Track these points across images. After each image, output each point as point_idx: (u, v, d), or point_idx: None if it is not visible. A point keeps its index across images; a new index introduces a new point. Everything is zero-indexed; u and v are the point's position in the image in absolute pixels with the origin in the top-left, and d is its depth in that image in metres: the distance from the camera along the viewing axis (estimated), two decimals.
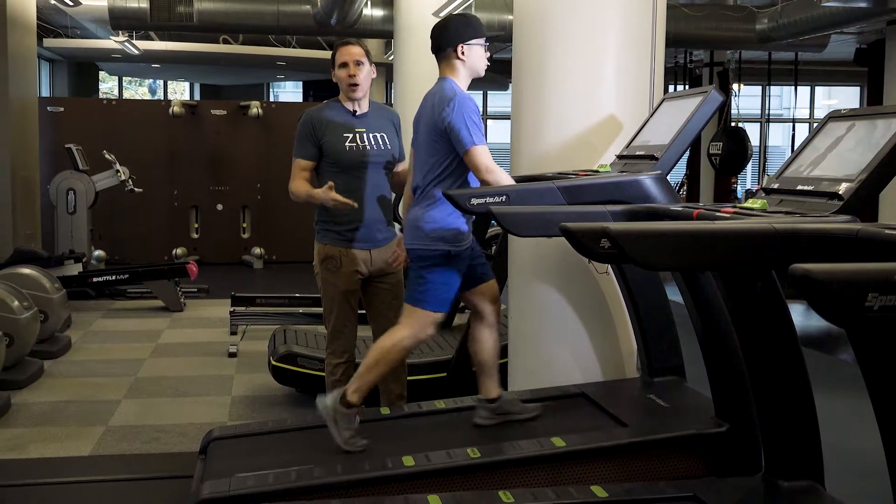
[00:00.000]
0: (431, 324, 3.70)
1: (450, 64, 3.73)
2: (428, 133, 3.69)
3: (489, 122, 17.59)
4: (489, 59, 3.81)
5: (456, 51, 3.69)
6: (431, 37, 3.76)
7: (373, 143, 4.12)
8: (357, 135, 4.11)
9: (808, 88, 18.53)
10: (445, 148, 3.63)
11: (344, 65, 4.08)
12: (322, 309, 4.34)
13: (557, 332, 4.21)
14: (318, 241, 4.18)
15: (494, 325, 3.82)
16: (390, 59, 9.91)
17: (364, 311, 4.35)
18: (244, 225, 11.91)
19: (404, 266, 3.95)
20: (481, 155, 3.56)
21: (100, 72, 18.09)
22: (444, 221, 3.62)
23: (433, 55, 3.78)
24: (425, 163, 3.71)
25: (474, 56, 3.72)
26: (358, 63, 4.08)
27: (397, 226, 4.43)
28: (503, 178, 3.57)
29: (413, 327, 3.68)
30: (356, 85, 4.08)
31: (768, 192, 2.97)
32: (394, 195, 4.37)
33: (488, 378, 3.79)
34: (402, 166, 4.24)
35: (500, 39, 3.75)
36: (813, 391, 2.88)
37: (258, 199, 11.85)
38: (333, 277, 4.13)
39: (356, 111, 4.14)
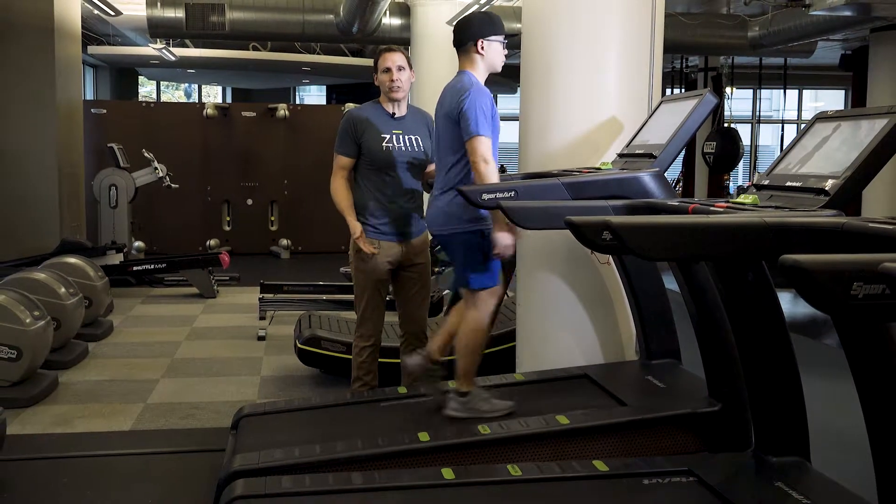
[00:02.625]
0: (493, 296, 3.69)
1: (470, 58, 3.70)
2: (445, 123, 3.67)
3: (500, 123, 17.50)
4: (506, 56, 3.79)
5: (476, 46, 3.67)
6: (454, 31, 3.74)
7: (407, 144, 4.11)
8: (394, 136, 4.10)
9: (797, 92, 18.43)
10: (461, 136, 3.60)
11: (387, 70, 4.07)
12: (350, 295, 4.35)
13: (562, 318, 4.20)
14: None
15: (500, 297, 3.87)
16: None
17: (392, 298, 4.36)
18: (272, 218, 11.93)
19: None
20: (482, 145, 3.53)
21: (139, 76, 18.14)
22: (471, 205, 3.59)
23: (457, 57, 3.76)
24: (445, 151, 3.70)
25: (493, 52, 3.69)
26: (400, 68, 4.07)
27: None
28: (492, 172, 3.54)
29: (481, 307, 3.66)
30: (398, 88, 4.08)
31: (759, 188, 2.95)
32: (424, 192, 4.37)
33: (441, 339, 3.82)
34: (433, 166, 4.24)
35: (508, 45, 3.73)
36: (800, 373, 2.87)
37: (285, 195, 11.85)
38: (366, 266, 4.13)
39: (395, 113, 4.14)
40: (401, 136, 4.11)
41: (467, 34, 3.68)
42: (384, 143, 4.08)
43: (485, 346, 3.73)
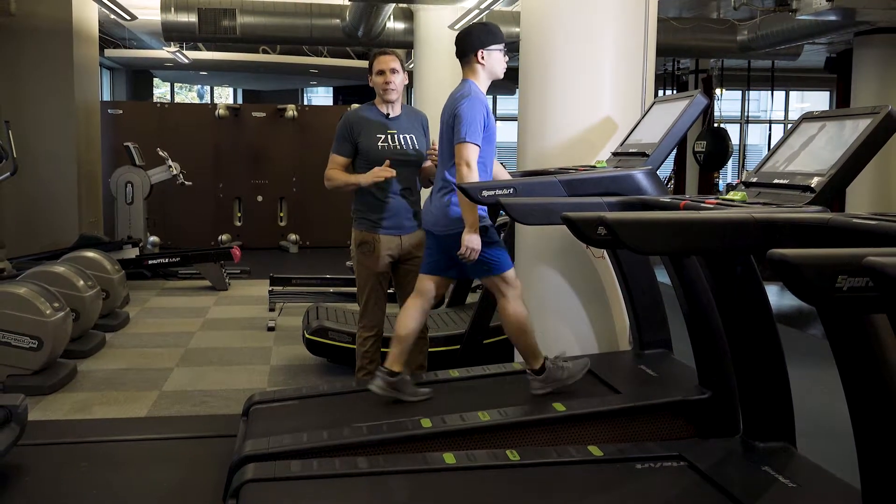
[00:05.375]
0: (514, 278, 3.67)
1: (471, 67, 3.71)
2: (447, 129, 3.68)
3: (498, 123, 17.48)
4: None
5: (477, 56, 3.67)
6: (455, 43, 3.74)
7: (402, 142, 4.11)
8: (389, 135, 4.10)
9: (784, 93, 18.37)
10: None
11: (381, 72, 4.07)
12: (356, 288, 4.35)
13: (559, 310, 4.20)
14: (355, 227, 4.19)
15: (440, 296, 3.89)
16: (410, 67, 9.86)
17: (393, 291, 4.35)
18: (281, 214, 11.93)
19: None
20: (468, 150, 3.54)
21: (154, 78, 18.11)
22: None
23: (456, 60, 3.76)
24: (446, 155, 3.70)
25: (493, 61, 3.70)
26: (393, 71, 4.07)
27: None
28: (473, 177, 3.54)
29: (507, 292, 3.65)
30: (392, 90, 4.08)
31: (747, 185, 2.94)
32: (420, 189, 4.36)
33: (395, 349, 3.75)
34: (428, 164, 4.23)
35: (508, 49, 3.74)
36: (786, 362, 2.87)
37: (293, 192, 11.86)
38: (367, 260, 4.13)
39: (389, 114, 4.13)
40: (395, 136, 4.11)
41: (468, 45, 3.69)
42: (380, 143, 4.08)
43: (532, 326, 3.70)
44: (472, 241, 3.53)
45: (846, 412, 2.19)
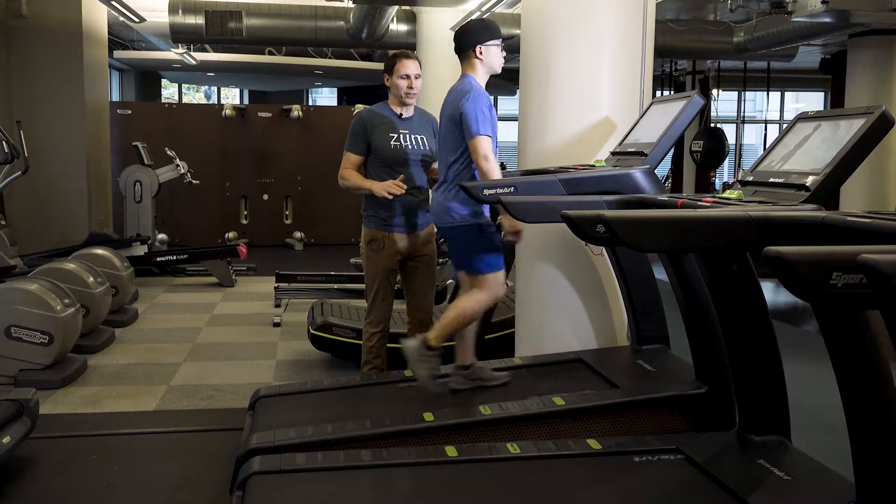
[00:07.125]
0: (501, 283, 3.69)
1: (470, 63, 3.71)
2: (448, 124, 3.68)
3: (498, 123, 17.43)
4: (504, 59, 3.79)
5: (475, 51, 3.68)
6: (454, 39, 3.75)
7: (413, 143, 4.12)
8: (401, 135, 4.11)
9: (779, 93, 18.34)
10: (462, 136, 3.61)
11: (406, 76, 4.07)
12: (360, 284, 4.36)
13: (558, 306, 4.20)
14: (365, 225, 4.20)
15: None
16: None
17: (399, 287, 4.36)
18: (287, 212, 11.93)
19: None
20: (483, 143, 3.54)
21: (162, 79, 18.12)
22: (471, 199, 3.59)
23: (455, 55, 3.76)
24: (448, 151, 3.71)
25: (491, 55, 3.70)
26: (417, 76, 4.09)
27: None
28: (494, 168, 3.56)
29: (488, 291, 3.66)
30: (414, 94, 4.10)
31: (744, 184, 2.94)
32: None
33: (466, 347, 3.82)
34: (437, 164, 4.24)
35: (508, 50, 3.75)
36: (781, 358, 2.86)
37: (299, 190, 11.85)
38: (376, 257, 4.14)
39: (402, 115, 4.15)
40: (408, 136, 4.12)
41: (466, 41, 3.70)
42: (392, 142, 4.09)
43: (471, 332, 3.76)
44: (513, 225, 3.58)
45: (840, 406, 2.19)
